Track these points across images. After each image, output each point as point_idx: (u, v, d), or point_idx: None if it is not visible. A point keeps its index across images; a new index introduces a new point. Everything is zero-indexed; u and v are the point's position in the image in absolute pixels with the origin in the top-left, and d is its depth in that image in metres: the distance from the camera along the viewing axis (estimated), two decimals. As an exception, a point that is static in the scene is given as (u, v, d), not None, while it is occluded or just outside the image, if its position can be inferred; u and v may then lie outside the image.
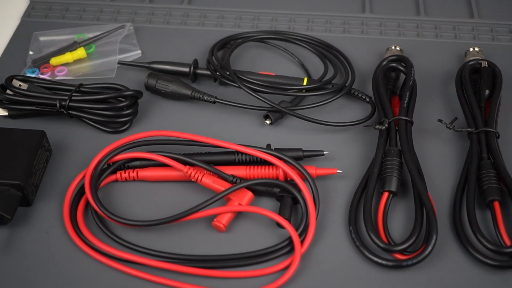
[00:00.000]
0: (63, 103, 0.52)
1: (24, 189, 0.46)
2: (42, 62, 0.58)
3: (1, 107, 0.53)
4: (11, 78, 0.53)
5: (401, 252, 0.44)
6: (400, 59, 0.56)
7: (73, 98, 0.52)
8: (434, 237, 0.44)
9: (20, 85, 0.53)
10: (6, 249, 0.45)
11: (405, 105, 0.51)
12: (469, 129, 0.51)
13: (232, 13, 0.65)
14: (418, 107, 0.55)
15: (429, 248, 0.43)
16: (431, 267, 0.44)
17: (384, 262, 0.44)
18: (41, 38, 0.61)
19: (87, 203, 0.48)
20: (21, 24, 0.64)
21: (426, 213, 0.45)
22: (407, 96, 0.52)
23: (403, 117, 0.51)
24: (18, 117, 0.54)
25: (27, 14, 0.65)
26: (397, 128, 0.51)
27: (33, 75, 0.57)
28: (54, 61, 0.58)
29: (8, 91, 0.53)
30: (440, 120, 0.51)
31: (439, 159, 0.51)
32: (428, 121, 0.54)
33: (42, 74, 0.58)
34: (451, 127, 0.51)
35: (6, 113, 0.54)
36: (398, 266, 0.44)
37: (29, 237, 0.46)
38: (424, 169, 0.50)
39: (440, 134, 0.53)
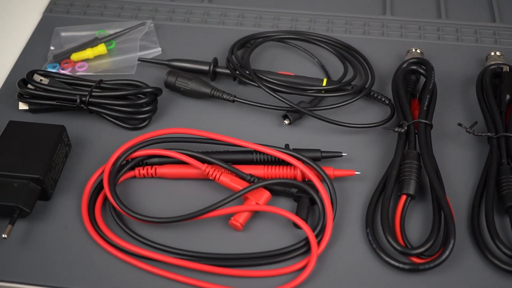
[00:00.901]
0: (83, 98, 0.52)
1: (43, 183, 0.46)
2: (63, 57, 0.59)
3: (22, 101, 0.53)
4: (32, 73, 0.54)
5: (418, 255, 0.44)
6: (421, 61, 0.55)
7: (93, 94, 0.52)
8: (452, 241, 0.43)
9: (41, 80, 0.53)
10: (25, 242, 0.46)
11: (425, 108, 0.51)
12: (489, 134, 0.50)
13: (253, 12, 0.65)
14: (437, 111, 0.54)
15: (447, 253, 0.43)
16: (448, 271, 0.44)
17: (400, 265, 0.43)
18: (63, 34, 0.62)
19: (105, 199, 0.48)
20: (42, 19, 0.64)
21: (444, 217, 0.45)
22: (427, 99, 0.52)
23: (423, 120, 0.50)
24: (38, 111, 0.54)
25: (49, 9, 0.65)
26: (416, 131, 0.50)
27: (54, 70, 0.57)
28: (75, 56, 0.59)
29: (29, 86, 0.53)
30: (460, 124, 0.51)
31: (458, 163, 0.51)
32: (448, 124, 0.54)
33: (62, 69, 0.58)
34: (470, 131, 0.50)
35: (27, 107, 0.54)
36: (415, 269, 0.43)
37: (47, 230, 0.46)
38: (443, 173, 0.50)
39: (460, 138, 0.53)
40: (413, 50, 0.58)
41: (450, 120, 0.54)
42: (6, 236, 0.44)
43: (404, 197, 0.46)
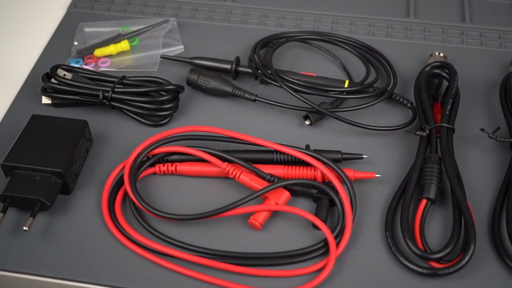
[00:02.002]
0: (106, 94, 0.52)
1: (65, 177, 0.47)
2: (86, 52, 0.59)
3: (45, 95, 0.54)
4: (56, 67, 0.54)
5: (437, 260, 0.44)
6: (444, 65, 0.55)
7: (115, 89, 0.52)
8: (472, 247, 0.43)
9: (64, 75, 0.54)
10: (45, 235, 0.46)
11: (447, 112, 0.51)
12: (511, 140, 0.50)
13: (275, 12, 0.65)
14: (460, 115, 0.54)
15: (467, 258, 0.43)
16: (467, 277, 0.44)
17: (419, 269, 0.43)
18: (86, 29, 0.62)
19: (125, 194, 0.48)
20: (67, 15, 0.65)
21: (465, 222, 0.45)
22: (450, 103, 0.52)
23: (445, 124, 0.50)
24: (61, 106, 0.55)
25: (74, 4, 0.66)
26: (438, 135, 0.50)
27: (77, 65, 0.57)
28: (98, 52, 0.59)
29: (52, 80, 0.53)
30: (482, 129, 0.50)
31: (480, 168, 0.50)
32: (470, 129, 0.53)
33: (86, 64, 0.58)
34: (493, 136, 0.50)
35: (50, 102, 0.55)
36: (433, 274, 0.43)
37: (68, 224, 0.47)
38: (464, 178, 0.49)
39: (482, 143, 0.52)
40: (436, 53, 0.58)
41: (472, 125, 0.54)
42: (27, 228, 0.44)
43: (424, 201, 0.46)
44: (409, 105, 0.54)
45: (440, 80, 0.56)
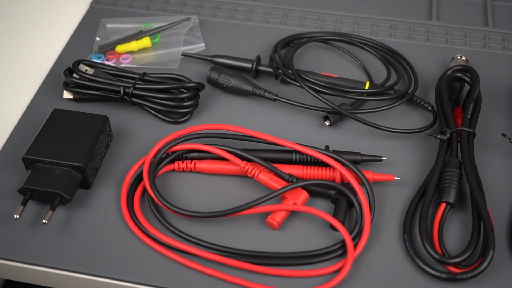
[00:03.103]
0: (127, 90, 0.52)
1: (84, 171, 0.47)
2: (108, 48, 0.60)
3: (66, 90, 0.54)
4: (78, 62, 0.54)
5: (455, 265, 0.43)
6: (466, 69, 0.55)
7: (137, 86, 0.52)
8: (491, 252, 0.43)
9: (86, 70, 0.54)
10: (64, 229, 0.46)
11: (468, 116, 0.51)
12: (533, 146, 0.49)
13: (297, 12, 0.65)
14: (480, 120, 0.54)
15: (485, 264, 0.42)
16: (485, 283, 0.43)
17: (437, 273, 0.43)
18: (108, 25, 0.62)
19: (144, 190, 0.49)
20: (89, 10, 0.65)
21: (484, 227, 0.44)
22: (471, 108, 0.51)
23: (466, 129, 0.50)
24: (82, 100, 0.55)
25: (96, 0, 0.66)
26: (458, 139, 0.50)
27: (98, 61, 0.58)
28: (119, 48, 0.59)
29: (74, 75, 0.54)
30: (503, 135, 0.50)
31: (500, 173, 0.50)
32: (491, 134, 0.53)
33: (107, 60, 0.59)
34: (514, 142, 0.50)
35: (71, 96, 0.55)
36: (451, 279, 0.43)
37: (86, 218, 0.47)
38: (484, 183, 0.49)
39: (502, 148, 0.52)
40: (458, 57, 0.58)
41: (493, 129, 0.53)
42: (46, 222, 0.45)
43: (443, 205, 0.46)
44: (429, 108, 0.54)
45: (461, 84, 0.55)
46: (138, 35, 0.60)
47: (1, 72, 0.59)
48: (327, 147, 0.50)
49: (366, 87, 0.55)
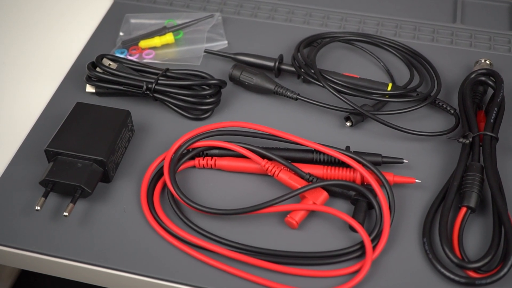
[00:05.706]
0: (150, 85, 0.53)
1: (106, 165, 0.47)
2: (131, 43, 0.60)
3: (89, 84, 0.55)
4: (101, 57, 0.55)
5: (475, 270, 0.43)
6: (490, 73, 0.54)
7: (159, 81, 0.53)
8: (512, 258, 0.42)
9: (109, 64, 0.54)
10: (84, 221, 0.47)
11: (491, 120, 0.50)
12: (557, 152, 0.49)
13: (320, 11, 0.65)
14: (503, 124, 0.53)
15: (506, 269, 0.42)
16: (505, 289, 0.43)
17: (456, 278, 0.43)
18: (132, 21, 0.63)
19: (164, 186, 0.49)
20: (113, 5, 0.65)
21: (505, 233, 0.44)
22: (495, 112, 0.51)
23: (489, 133, 0.49)
24: (104, 95, 0.56)
25: (120, -4, 0.67)
26: (481, 144, 0.49)
27: (122, 56, 0.58)
28: (143, 43, 0.60)
29: (97, 69, 0.54)
30: (527, 140, 0.50)
31: (522, 179, 0.50)
32: (514, 139, 0.53)
33: (130, 55, 0.59)
34: (538, 148, 0.49)
35: (94, 90, 0.55)
36: (470, 283, 0.43)
37: (106, 212, 0.47)
38: (506, 188, 0.48)
39: (525, 154, 0.52)
40: (482, 61, 0.57)
41: (516, 135, 0.53)
42: (67, 214, 0.45)
43: (464, 209, 0.46)
44: (452, 111, 0.54)
45: (485, 88, 0.55)
46: (161, 31, 0.60)
47: (26, 65, 0.59)
48: (348, 148, 0.50)
49: (389, 88, 0.54)
